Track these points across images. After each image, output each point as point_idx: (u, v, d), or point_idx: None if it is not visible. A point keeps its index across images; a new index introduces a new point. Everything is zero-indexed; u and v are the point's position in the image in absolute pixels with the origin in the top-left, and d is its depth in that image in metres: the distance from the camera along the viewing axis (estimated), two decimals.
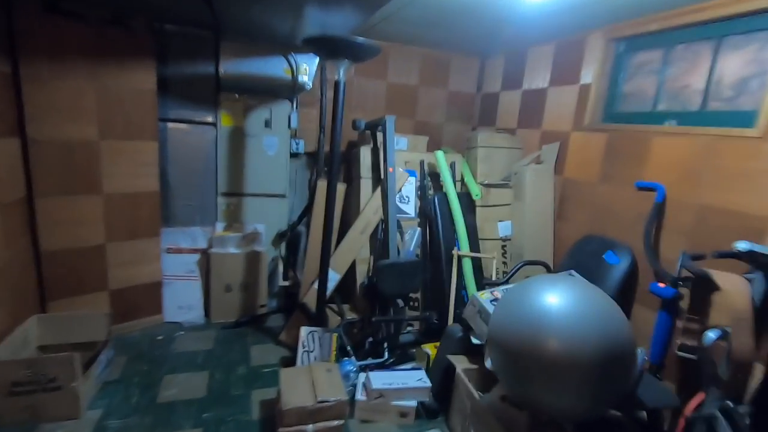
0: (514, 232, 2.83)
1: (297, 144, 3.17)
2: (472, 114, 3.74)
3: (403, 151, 2.96)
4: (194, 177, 2.69)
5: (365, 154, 2.74)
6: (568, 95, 2.70)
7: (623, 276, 2.17)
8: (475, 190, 2.65)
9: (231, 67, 2.58)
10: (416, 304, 2.83)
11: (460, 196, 2.72)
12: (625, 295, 2.19)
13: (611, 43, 2.46)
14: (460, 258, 2.62)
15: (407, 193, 2.82)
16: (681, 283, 1.80)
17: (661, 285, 1.84)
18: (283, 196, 2.93)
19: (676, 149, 2.04)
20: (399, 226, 2.79)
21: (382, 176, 2.64)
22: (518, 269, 2.54)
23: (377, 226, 2.68)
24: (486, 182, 2.83)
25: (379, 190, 2.67)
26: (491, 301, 1.98)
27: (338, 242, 2.68)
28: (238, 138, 2.75)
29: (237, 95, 2.70)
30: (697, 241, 1.93)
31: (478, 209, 2.83)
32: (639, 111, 2.34)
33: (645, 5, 2.08)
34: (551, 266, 2.58)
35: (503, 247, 2.88)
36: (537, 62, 2.99)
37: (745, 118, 1.83)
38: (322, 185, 2.67)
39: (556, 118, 2.79)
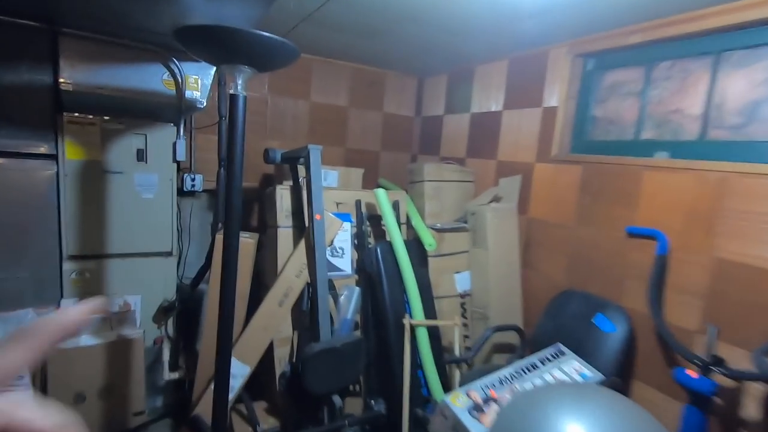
0: (474, 285, 2.30)
1: (193, 180, 2.40)
2: (411, 140, 3.23)
3: (334, 188, 2.33)
4: (20, 235, 1.80)
5: (282, 195, 2.05)
6: (529, 120, 2.28)
7: (621, 348, 1.70)
8: (428, 239, 2.09)
9: (80, 76, 1.77)
10: (357, 388, 2.16)
11: (408, 244, 2.13)
12: (622, 368, 1.73)
13: (578, 60, 2.07)
14: (413, 327, 2.01)
15: (341, 243, 2.17)
16: (717, 369, 1.35)
17: (692, 374, 1.38)
18: (168, 253, 2.12)
19: (676, 188, 1.64)
20: (332, 287, 2.13)
21: (307, 224, 1.97)
22: (486, 339, 2.00)
23: (302, 292, 1.99)
24: (438, 226, 2.28)
25: (303, 243, 1.99)
26: (470, 410, 1.39)
27: (249, 317, 1.94)
28: (94, 176, 1.92)
29: (90, 116, 1.89)
30: (718, 308, 1.51)
31: (430, 259, 2.26)
32: (619, 139, 1.96)
33: (621, 15, 1.70)
34: (523, 330, 2.07)
35: (462, 305, 2.33)
36: (487, 81, 2.55)
37: (763, 151, 1.47)
38: (220, 239, 1.93)
39: (516, 147, 2.35)
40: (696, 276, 1.57)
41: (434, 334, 2.10)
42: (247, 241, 1.97)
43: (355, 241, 2.23)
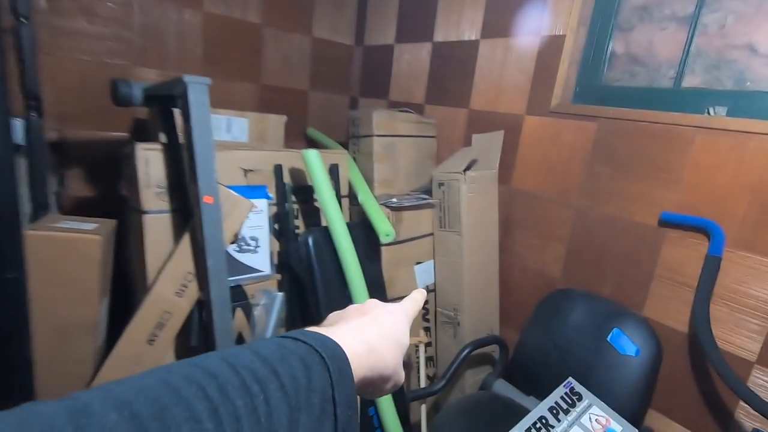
0: (441, 280, 1.74)
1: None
2: (350, 78, 2.46)
3: (241, 147, 1.56)
4: None
5: (149, 159, 1.25)
6: (518, 54, 1.64)
7: (646, 377, 1.26)
8: (385, 226, 1.44)
9: None
10: None
11: (352, 229, 1.47)
12: (643, 402, 1.30)
13: None
14: None
15: (254, 232, 1.45)
16: None
17: None
18: None
19: (738, 160, 1.15)
20: (242, 297, 1.44)
21: (194, 208, 1.21)
22: (462, 360, 1.47)
23: (190, 317, 1.27)
24: (395, 202, 1.64)
25: (187, 239, 1.25)
26: None
27: (102, 362, 1.21)
28: None
29: None
30: None
31: (383, 248, 1.64)
32: (651, 86, 1.40)
33: None
34: (506, 345, 1.57)
35: (424, 307, 1.77)
36: None
37: None
38: (33, 236, 1.12)
39: (497, 92, 1.72)
40: (764, 289, 1.12)
41: None
42: (86, 239, 1.18)
43: (276, 226, 1.52)
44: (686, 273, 1.24)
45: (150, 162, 1.25)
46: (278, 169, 1.50)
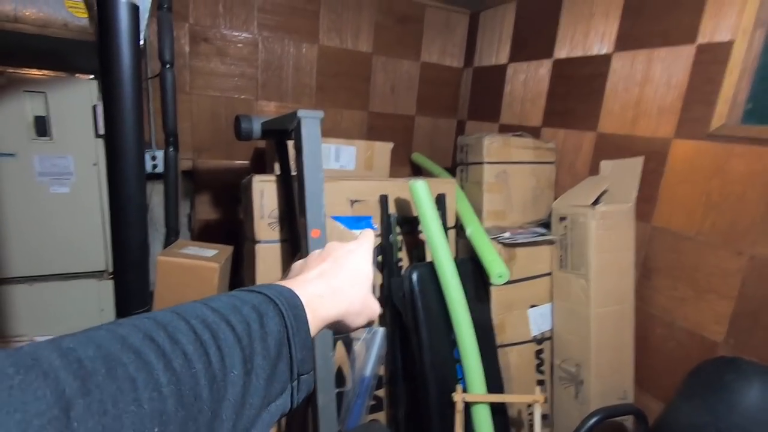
0: (560, 328, 1.51)
1: (153, 158, 1.67)
2: (457, 101, 2.36)
3: (348, 177, 1.55)
4: None
5: (264, 191, 1.29)
6: (664, 67, 1.38)
7: None
8: (498, 267, 1.29)
9: None
10: None
11: (460, 266, 1.35)
12: None
13: None
14: (467, 403, 1.27)
15: None
16: None
17: None
18: (99, 273, 1.43)
19: None
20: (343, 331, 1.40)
21: (302, 239, 1.21)
22: (589, 429, 1.23)
23: None
24: (507, 237, 1.48)
25: None
26: None
27: None
28: None
29: None
30: None
31: (493, 289, 1.48)
32: None
33: None
34: (645, 416, 1.29)
35: (538, 354, 1.56)
36: (586, 5, 1.64)
37: None
38: (162, 261, 1.22)
39: (635, 111, 1.48)
40: None
41: (499, 409, 1.36)
42: (205, 266, 1.25)
43: (379, 259, 1.47)
44: None
45: (265, 193, 1.29)
46: (384, 200, 1.45)
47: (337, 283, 0.42)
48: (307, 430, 1.20)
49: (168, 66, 1.43)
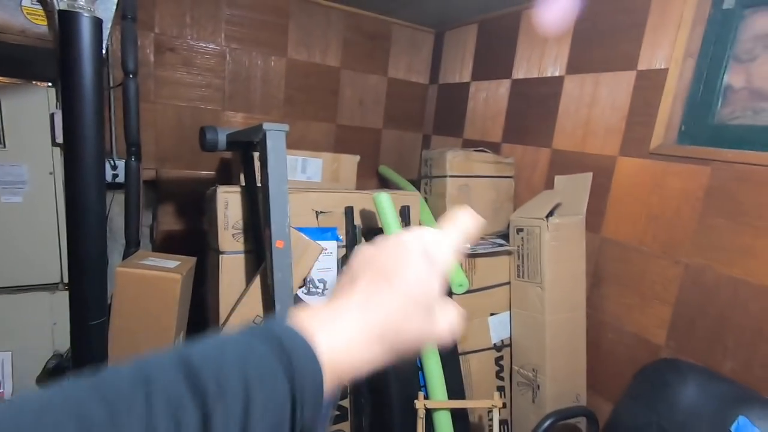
0: (518, 335, 1.58)
1: (114, 167, 1.64)
2: (423, 116, 2.44)
3: (314, 189, 1.57)
4: None
5: (228, 201, 1.30)
6: (611, 89, 1.50)
7: None
8: (458, 278, 1.35)
9: None
10: None
11: None
12: None
13: None
14: (429, 411, 1.30)
15: (323, 274, 1.43)
16: None
17: None
18: (54, 286, 1.39)
19: None
20: None
21: (266, 251, 1.22)
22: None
23: None
24: (467, 247, 1.54)
25: (257, 281, 1.25)
26: None
27: None
28: None
29: None
30: None
31: (455, 299, 1.53)
32: None
33: None
34: (596, 419, 1.36)
35: (498, 361, 1.61)
36: (540, 31, 1.75)
37: None
38: (120, 273, 1.20)
39: (585, 130, 1.58)
40: None
41: (461, 415, 1.40)
42: (167, 277, 1.23)
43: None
44: None
45: (230, 204, 1.29)
46: (349, 212, 1.48)
47: (386, 326, 0.30)
48: None
49: (131, 76, 1.41)
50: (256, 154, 1.29)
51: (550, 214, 1.49)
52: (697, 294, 1.26)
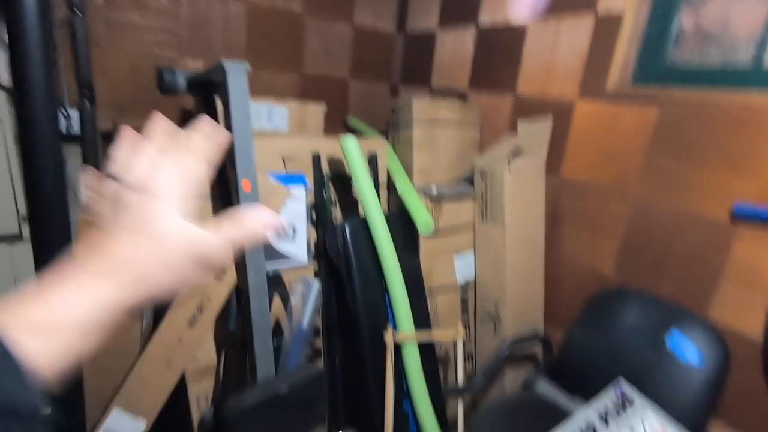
0: (482, 274, 1.67)
1: (66, 116, 1.56)
2: (390, 66, 2.41)
3: (281, 135, 1.56)
4: None
5: None
6: (570, 35, 1.53)
7: (710, 389, 1.15)
8: (424, 217, 1.40)
9: None
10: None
11: (390, 219, 1.44)
12: (706, 415, 1.18)
13: None
14: (398, 345, 1.39)
15: (292, 220, 1.46)
16: None
17: None
18: (12, 237, 1.35)
19: None
20: (279, 284, 1.45)
21: (233, 194, 1.22)
22: (502, 357, 1.41)
23: (229, 301, 1.30)
24: (434, 190, 1.59)
25: None
26: None
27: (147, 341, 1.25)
28: None
29: None
30: None
31: (422, 240, 1.59)
32: (725, 65, 1.25)
33: None
34: (550, 342, 1.49)
35: (463, 300, 1.71)
36: None
37: None
38: (81, 221, 1.18)
39: (547, 76, 1.62)
40: None
41: (428, 347, 1.49)
42: None
43: (312, 214, 1.51)
44: (763, 273, 1.11)
45: None
46: (317, 158, 1.49)
47: (131, 279, 0.29)
48: (245, 376, 1.26)
49: (78, 13, 1.33)
50: (218, 99, 1.26)
51: (513, 158, 1.54)
52: (641, 227, 1.36)
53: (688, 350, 1.17)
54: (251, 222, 0.34)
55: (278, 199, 1.34)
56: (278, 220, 0.35)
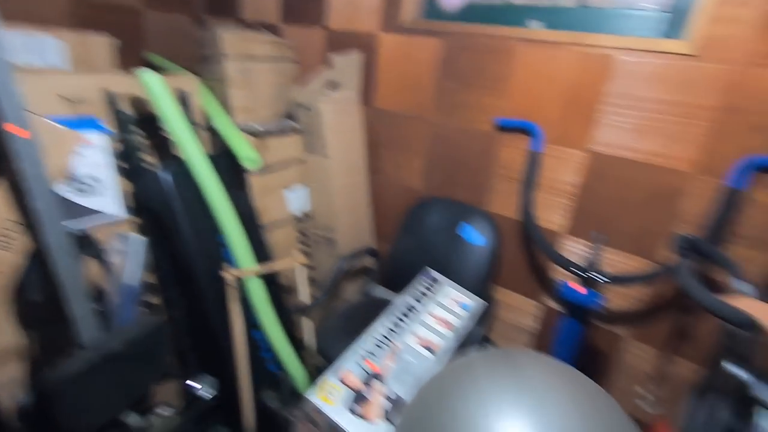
0: (315, 204, 1.77)
1: None
2: None
3: (61, 72, 1.31)
4: None
5: None
6: None
7: (490, 261, 1.52)
8: (247, 151, 1.38)
9: None
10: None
11: (213, 161, 1.40)
12: (490, 281, 1.58)
13: None
14: (241, 282, 1.42)
15: (93, 170, 1.28)
16: (599, 277, 1.24)
17: (578, 288, 1.24)
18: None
19: (555, 68, 1.35)
20: (89, 245, 1.30)
21: (5, 145, 1.01)
22: (339, 271, 1.58)
23: (26, 272, 1.11)
24: (257, 127, 1.57)
25: None
26: (351, 405, 0.97)
27: None
28: None
29: None
30: (591, 208, 1.39)
31: (252, 179, 1.59)
32: (487, 2, 1.52)
33: None
34: (377, 252, 1.72)
35: (300, 229, 1.81)
36: None
37: (661, 25, 1.25)
38: None
39: (353, 8, 1.70)
40: (572, 176, 1.39)
41: (270, 278, 1.56)
42: None
43: (122, 164, 1.36)
44: (516, 169, 1.47)
45: None
46: (112, 97, 1.31)
47: None
48: (70, 342, 1.14)
49: None
50: None
51: (329, 91, 1.62)
52: (439, 144, 1.63)
53: (474, 236, 1.51)
54: None
55: (66, 146, 1.16)
56: None
